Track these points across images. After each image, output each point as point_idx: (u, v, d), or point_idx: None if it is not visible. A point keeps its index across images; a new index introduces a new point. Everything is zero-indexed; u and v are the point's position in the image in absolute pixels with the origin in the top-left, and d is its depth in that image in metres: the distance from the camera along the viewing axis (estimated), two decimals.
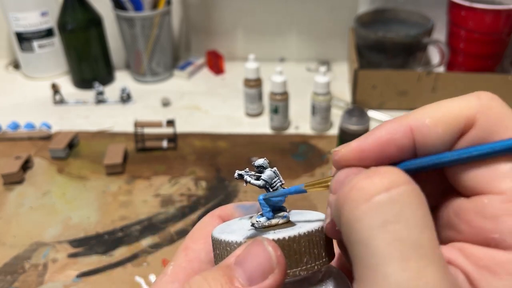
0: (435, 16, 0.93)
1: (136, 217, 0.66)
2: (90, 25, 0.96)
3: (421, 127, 0.19)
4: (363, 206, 0.16)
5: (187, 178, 0.73)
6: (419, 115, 0.19)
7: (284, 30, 1.09)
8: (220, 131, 0.85)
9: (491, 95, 0.18)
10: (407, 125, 0.19)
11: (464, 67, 0.92)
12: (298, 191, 0.22)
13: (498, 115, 0.18)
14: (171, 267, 0.23)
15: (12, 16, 0.98)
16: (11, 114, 0.92)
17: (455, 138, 0.18)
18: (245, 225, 0.23)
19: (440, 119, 0.18)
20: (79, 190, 0.72)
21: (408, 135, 0.19)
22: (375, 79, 0.87)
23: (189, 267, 0.23)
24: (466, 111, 0.18)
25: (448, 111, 0.18)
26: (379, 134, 0.19)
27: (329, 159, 0.77)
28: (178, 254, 0.24)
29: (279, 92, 0.81)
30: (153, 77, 1.03)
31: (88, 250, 0.61)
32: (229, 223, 0.24)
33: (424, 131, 0.19)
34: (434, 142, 0.18)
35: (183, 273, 0.23)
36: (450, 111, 0.18)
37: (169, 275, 0.23)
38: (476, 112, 0.18)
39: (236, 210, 0.26)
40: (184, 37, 1.13)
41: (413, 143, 0.19)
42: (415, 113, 0.19)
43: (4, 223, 0.66)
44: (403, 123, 0.19)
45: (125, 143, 0.80)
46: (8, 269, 0.58)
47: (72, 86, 1.03)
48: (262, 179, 0.23)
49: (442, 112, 0.18)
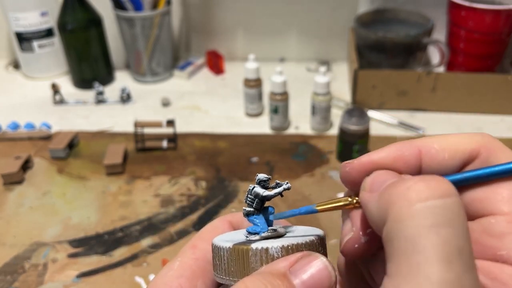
0: (435, 16, 0.93)
1: (136, 217, 0.66)
2: (90, 25, 0.96)
3: (429, 149, 0.21)
4: (418, 205, 0.17)
5: (187, 178, 0.73)
6: (428, 140, 0.21)
7: (284, 30, 1.09)
8: (220, 131, 0.85)
9: (492, 136, 0.21)
10: (416, 146, 0.21)
11: (464, 67, 0.92)
12: (309, 212, 0.22)
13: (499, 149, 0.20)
14: (178, 263, 0.23)
15: (12, 16, 0.98)
16: (11, 114, 0.92)
17: (459, 165, 0.20)
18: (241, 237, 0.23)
19: (448, 146, 0.20)
20: (79, 190, 0.72)
21: (416, 155, 0.21)
22: (375, 79, 0.87)
23: (195, 265, 0.23)
24: (472, 145, 0.20)
25: (455, 142, 0.21)
26: (389, 150, 0.21)
27: (329, 159, 0.77)
28: (185, 251, 0.24)
29: (279, 92, 0.81)
30: (153, 77, 1.03)
31: (88, 250, 0.61)
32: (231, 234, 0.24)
33: (432, 153, 0.21)
34: (439, 166, 0.20)
35: (190, 270, 0.23)
36: (457, 142, 0.21)
37: (175, 269, 0.23)
38: (480, 146, 0.20)
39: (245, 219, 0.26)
40: (184, 37, 1.13)
41: (419, 163, 0.21)
42: (424, 138, 0.21)
43: (4, 223, 0.66)
44: (412, 144, 0.21)
45: (125, 143, 0.80)
46: (8, 269, 0.58)
47: (72, 86, 1.03)
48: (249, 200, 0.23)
49: (450, 142, 0.21)
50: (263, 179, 0.23)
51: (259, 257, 0.20)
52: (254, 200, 0.23)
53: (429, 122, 0.86)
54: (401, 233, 0.17)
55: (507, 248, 0.18)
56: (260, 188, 0.23)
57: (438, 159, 0.20)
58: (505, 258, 0.18)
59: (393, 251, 0.17)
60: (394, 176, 0.20)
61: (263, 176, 0.23)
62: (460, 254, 0.16)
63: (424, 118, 0.87)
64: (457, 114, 0.88)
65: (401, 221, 0.17)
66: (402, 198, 0.17)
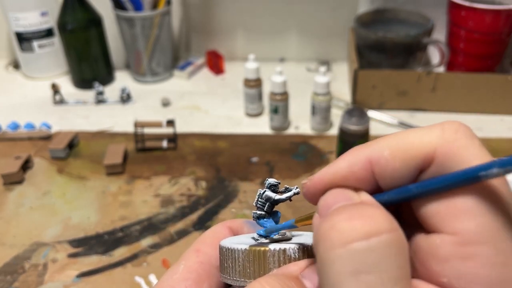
0: (435, 16, 0.93)
1: (136, 217, 0.66)
2: (90, 25, 0.96)
3: (379, 159, 0.18)
4: (338, 250, 0.15)
5: (187, 178, 0.73)
6: (379, 146, 0.18)
7: (284, 30, 1.09)
8: (220, 131, 0.85)
9: (457, 126, 0.18)
10: (366, 157, 0.18)
11: (464, 67, 0.92)
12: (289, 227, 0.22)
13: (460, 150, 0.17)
14: (182, 266, 0.23)
15: (12, 16, 0.98)
16: (11, 114, 0.92)
17: (414, 173, 0.18)
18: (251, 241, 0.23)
19: (399, 152, 0.18)
20: (79, 190, 0.72)
21: (367, 167, 0.18)
22: (375, 79, 0.87)
23: (200, 268, 0.23)
24: (425, 147, 0.17)
25: (407, 144, 0.18)
26: (338, 167, 0.19)
27: (329, 159, 0.77)
28: (189, 255, 0.24)
29: (279, 92, 0.81)
30: (153, 77, 1.03)
31: (88, 250, 0.61)
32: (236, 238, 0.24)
33: (382, 163, 0.18)
34: (393, 176, 0.18)
35: (196, 273, 0.23)
36: (409, 145, 0.18)
37: (180, 273, 0.23)
38: (435, 148, 0.17)
39: (245, 225, 0.26)
40: (184, 37, 1.13)
41: (372, 175, 0.18)
42: (375, 144, 0.19)
43: (4, 223, 0.66)
44: (362, 154, 0.19)
45: (125, 143, 0.80)
46: (8, 269, 0.58)
47: (72, 86, 1.03)
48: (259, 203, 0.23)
49: (402, 145, 0.18)
50: (274, 183, 0.23)
51: (277, 257, 0.21)
52: (265, 204, 0.23)
53: (429, 122, 0.86)
54: (323, 277, 0.16)
55: (448, 276, 0.16)
56: (271, 192, 0.23)
57: (389, 170, 0.18)
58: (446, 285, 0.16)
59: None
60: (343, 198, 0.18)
61: (273, 180, 0.23)
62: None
63: (424, 118, 0.87)
64: (457, 114, 0.88)
65: (323, 266, 0.16)
66: (326, 239, 0.16)
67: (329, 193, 0.19)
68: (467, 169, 0.16)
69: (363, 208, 0.16)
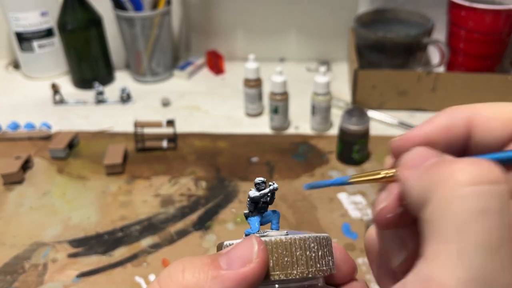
0: (435, 16, 0.93)
1: (136, 217, 0.66)
2: (90, 25, 0.96)
3: (480, 117, 0.19)
4: (469, 188, 0.16)
5: (187, 178, 0.73)
6: (478, 108, 0.20)
7: (284, 30, 1.09)
8: (220, 131, 0.85)
9: None
10: (466, 116, 0.20)
11: (464, 67, 0.92)
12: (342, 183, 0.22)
13: None
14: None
15: (12, 16, 0.98)
16: (11, 114, 0.92)
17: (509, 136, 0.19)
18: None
19: (500, 115, 0.19)
20: (79, 190, 0.72)
21: (467, 124, 0.20)
22: (375, 79, 0.87)
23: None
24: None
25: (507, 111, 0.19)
26: (437, 124, 0.20)
27: (329, 159, 0.77)
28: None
29: (279, 92, 0.81)
30: (153, 77, 1.03)
31: (88, 250, 0.61)
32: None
33: (482, 121, 0.19)
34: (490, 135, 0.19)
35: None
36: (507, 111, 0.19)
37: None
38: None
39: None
40: (184, 37, 1.13)
41: (467, 136, 0.20)
42: (474, 106, 0.20)
43: (4, 223, 0.66)
44: (462, 113, 0.20)
45: (125, 143, 0.80)
46: (8, 269, 0.58)
47: (72, 86, 1.03)
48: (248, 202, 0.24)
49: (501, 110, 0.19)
50: (258, 181, 0.23)
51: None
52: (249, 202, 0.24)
53: None
54: (445, 216, 0.16)
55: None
56: (255, 190, 0.23)
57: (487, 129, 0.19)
58: None
59: (433, 233, 0.16)
60: (436, 155, 0.19)
61: (258, 179, 0.23)
62: (503, 246, 0.15)
63: (424, 118, 0.86)
64: None
65: (447, 203, 0.16)
66: (451, 179, 0.16)
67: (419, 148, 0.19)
68: None
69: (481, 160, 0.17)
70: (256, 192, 0.23)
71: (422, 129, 0.20)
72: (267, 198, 0.23)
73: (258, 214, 0.23)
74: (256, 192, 0.23)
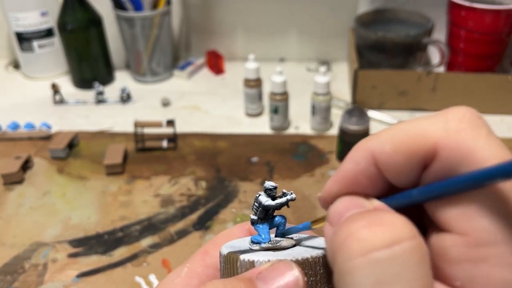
0: (435, 16, 0.93)
1: (136, 217, 0.66)
2: (90, 25, 0.96)
3: (381, 154, 0.17)
4: (359, 259, 0.15)
5: (187, 178, 0.73)
6: (380, 140, 0.17)
7: (284, 30, 1.09)
8: (220, 131, 0.85)
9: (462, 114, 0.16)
10: (368, 153, 0.17)
11: (464, 67, 0.92)
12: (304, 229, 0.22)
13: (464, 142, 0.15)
14: (186, 269, 0.22)
15: (12, 16, 0.98)
16: (11, 114, 0.92)
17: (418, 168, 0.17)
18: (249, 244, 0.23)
19: (401, 146, 0.17)
20: (79, 190, 0.72)
21: (372, 163, 0.17)
22: (375, 79, 0.87)
23: (204, 273, 0.22)
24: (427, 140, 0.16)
25: (409, 136, 0.16)
26: (345, 170, 0.18)
27: (329, 159, 0.77)
28: (195, 257, 0.23)
29: (279, 92, 0.81)
30: (153, 77, 1.03)
31: (88, 250, 0.61)
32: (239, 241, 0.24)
33: (384, 158, 0.17)
34: (398, 170, 0.17)
35: (198, 278, 0.22)
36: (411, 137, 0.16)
37: (182, 277, 0.22)
38: (437, 141, 0.16)
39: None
40: (184, 37, 1.13)
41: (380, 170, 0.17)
42: (377, 137, 0.17)
43: (4, 223, 0.66)
44: (364, 150, 0.18)
45: (125, 143, 0.80)
46: (8, 269, 0.58)
47: (72, 86, 1.03)
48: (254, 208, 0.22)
49: (403, 137, 0.17)
50: (269, 187, 0.22)
51: (245, 268, 0.20)
52: (258, 208, 0.22)
53: None
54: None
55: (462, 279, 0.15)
56: (266, 196, 0.22)
57: (393, 166, 0.17)
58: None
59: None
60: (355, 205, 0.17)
61: (269, 184, 0.22)
62: None
63: None
64: None
65: (342, 276, 0.15)
66: (344, 249, 0.15)
67: (339, 200, 0.18)
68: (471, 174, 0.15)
69: (381, 215, 0.16)
70: (270, 201, 0.22)
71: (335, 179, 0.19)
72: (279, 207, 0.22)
73: (267, 222, 0.22)
74: (270, 200, 0.22)
